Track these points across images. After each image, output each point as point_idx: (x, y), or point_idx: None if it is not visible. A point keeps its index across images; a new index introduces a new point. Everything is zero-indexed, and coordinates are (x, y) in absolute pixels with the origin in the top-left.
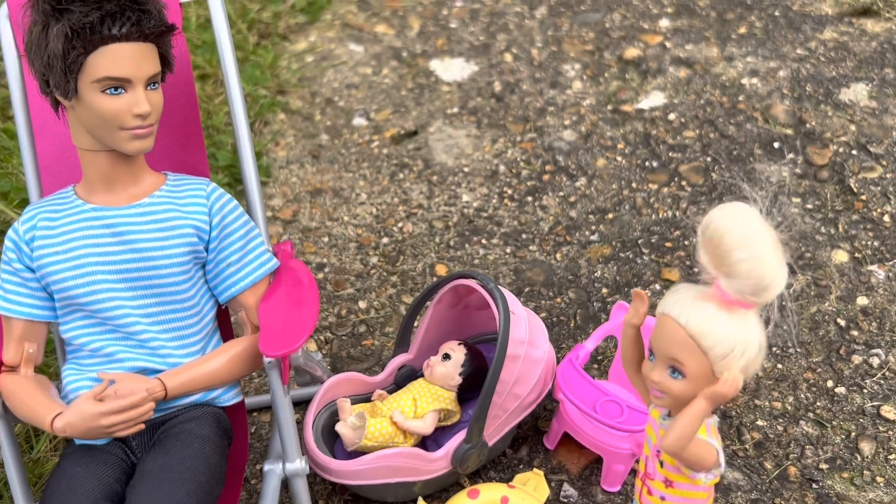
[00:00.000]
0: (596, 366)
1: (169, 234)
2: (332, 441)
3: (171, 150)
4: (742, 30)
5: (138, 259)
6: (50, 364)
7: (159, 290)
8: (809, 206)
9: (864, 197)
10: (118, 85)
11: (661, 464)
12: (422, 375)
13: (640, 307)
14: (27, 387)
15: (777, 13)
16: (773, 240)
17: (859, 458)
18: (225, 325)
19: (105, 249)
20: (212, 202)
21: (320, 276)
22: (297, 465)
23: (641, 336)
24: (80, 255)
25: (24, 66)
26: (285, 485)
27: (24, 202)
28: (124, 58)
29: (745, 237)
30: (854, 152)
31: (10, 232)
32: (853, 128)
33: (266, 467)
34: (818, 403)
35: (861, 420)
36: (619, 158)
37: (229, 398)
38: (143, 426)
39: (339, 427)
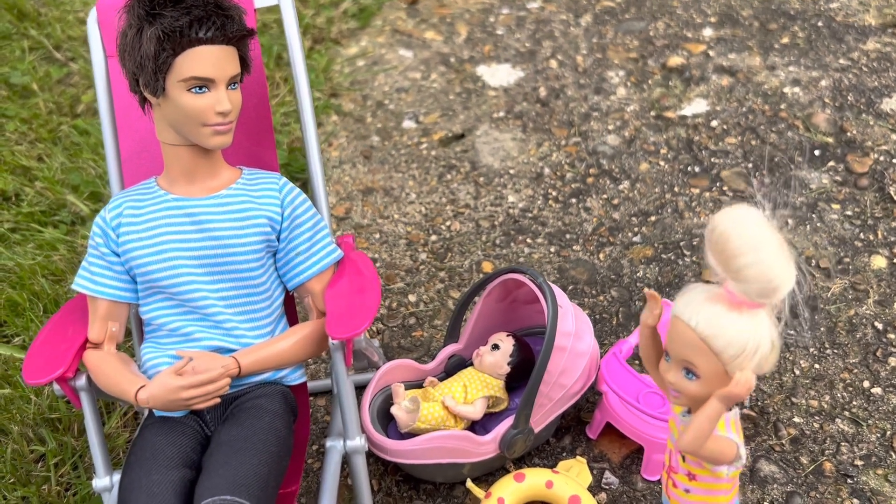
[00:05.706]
0: (637, 361)
1: (244, 224)
2: (385, 423)
3: (244, 145)
4: (785, 40)
5: (216, 246)
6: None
7: (235, 275)
8: (849, 213)
9: None
10: (202, 84)
11: (684, 458)
12: (471, 364)
13: (654, 307)
14: (112, 362)
15: (820, 24)
16: (778, 242)
17: (894, 456)
18: (290, 310)
19: (185, 237)
20: (283, 195)
21: None
22: (358, 442)
23: (658, 335)
24: (162, 242)
25: (111, 67)
26: (343, 462)
27: (94, 195)
28: (209, 59)
29: (750, 242)
30: (895, 161)
31: (97, 219)
32: (894, 137)
33: (328, 444)
34: (854, 403)
35: None
36: (661, 163)
37: (295, 378)
38: (219, 400)
39: (394, 410)
